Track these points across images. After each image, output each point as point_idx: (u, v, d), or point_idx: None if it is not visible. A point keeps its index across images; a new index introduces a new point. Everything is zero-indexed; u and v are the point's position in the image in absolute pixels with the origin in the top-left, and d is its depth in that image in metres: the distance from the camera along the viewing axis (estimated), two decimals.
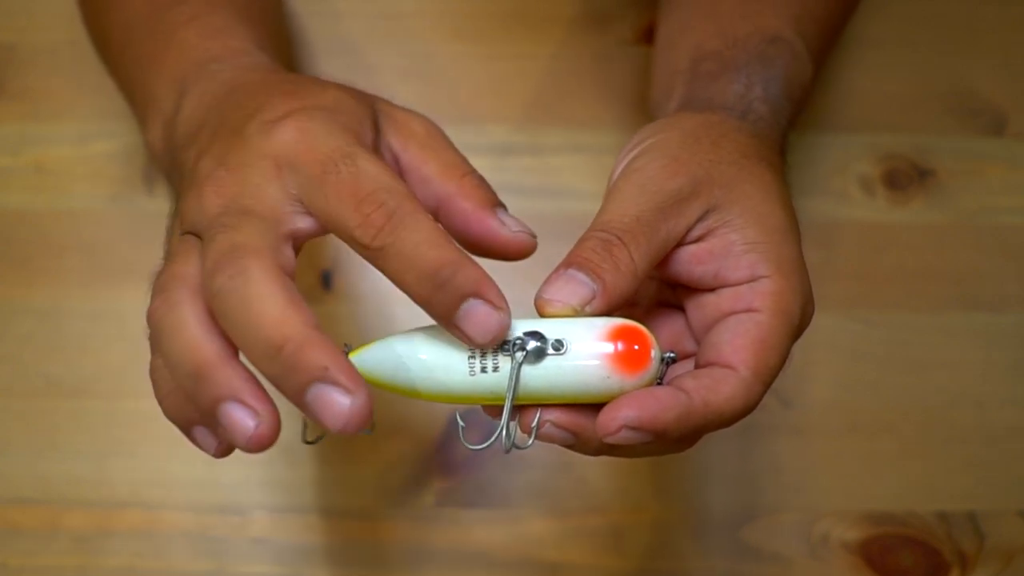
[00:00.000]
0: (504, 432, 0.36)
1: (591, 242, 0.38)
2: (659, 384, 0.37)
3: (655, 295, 0.43)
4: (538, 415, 0.37)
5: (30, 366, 0.60)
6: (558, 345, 0.36)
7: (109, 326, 0.60)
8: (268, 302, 0.33)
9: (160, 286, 0.36)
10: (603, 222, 0.38)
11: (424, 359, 0.36)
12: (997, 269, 0.63)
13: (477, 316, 0.34)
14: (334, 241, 0.62)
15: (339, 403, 0.33)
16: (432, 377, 0.36)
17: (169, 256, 0.38)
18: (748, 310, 0.38)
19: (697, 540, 0.58)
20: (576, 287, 0.37)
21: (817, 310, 0.41)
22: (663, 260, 0.39)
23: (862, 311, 0.62)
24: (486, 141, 0.64)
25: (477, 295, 0.34)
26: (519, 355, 0.35)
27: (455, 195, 0.40)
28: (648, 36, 0.66)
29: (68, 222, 0.63)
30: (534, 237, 0.40)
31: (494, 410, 0.37)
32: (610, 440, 0.36)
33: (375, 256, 0.35)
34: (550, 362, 0.36)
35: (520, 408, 0.37)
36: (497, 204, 0.40)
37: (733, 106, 0.46)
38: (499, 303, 0.34)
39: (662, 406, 0.35)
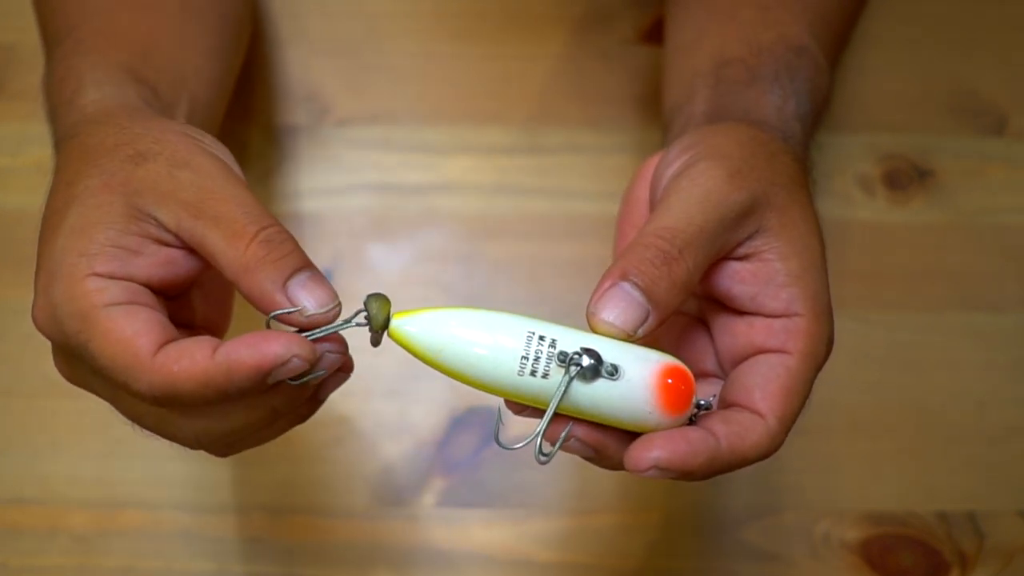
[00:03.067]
0: (539, 440, 0.36)
1: (650, 251, 0.37)
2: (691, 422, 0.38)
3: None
4: (569, 427, 0.37)
5: (30, 366, 0.60)
6: (612, 370, 0.36)
7: None
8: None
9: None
10: (666, 228, 0.37)
11: (477, 344, 0.36)
12: (997, 269, 0.63)
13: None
14: (334, 241, 0.62)
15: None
16: (479, 365, 0.36)
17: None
18: (780, 351, 0.38)
19: (697, 540, 0.58)
20: (631, 308, 0.36)
21: None
22: (705, 271, 0.39)
23: (862, 311, 0.62)
24: (486, 141, 0.64)
25: (263, 373, 0.35)
26: (573, 369, 0.35)
27: (243, 274, 0.36)
28: (649, 36, 0.66)
29: None
30: (332, 308, 0.36)
31: (518, 407, 0.37)
32: (638, 475, 0.36)
33: None
34: (600, 384, 0.36)
35: (552, 417, 0.36)
36: (294, 271, 0.36)
37: (774, 123, 0.46)
38: (287, 356, 0.34)
39: (693, 450, 0.36)
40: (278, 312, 0.36)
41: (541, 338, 0.36)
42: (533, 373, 0.36)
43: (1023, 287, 0.63)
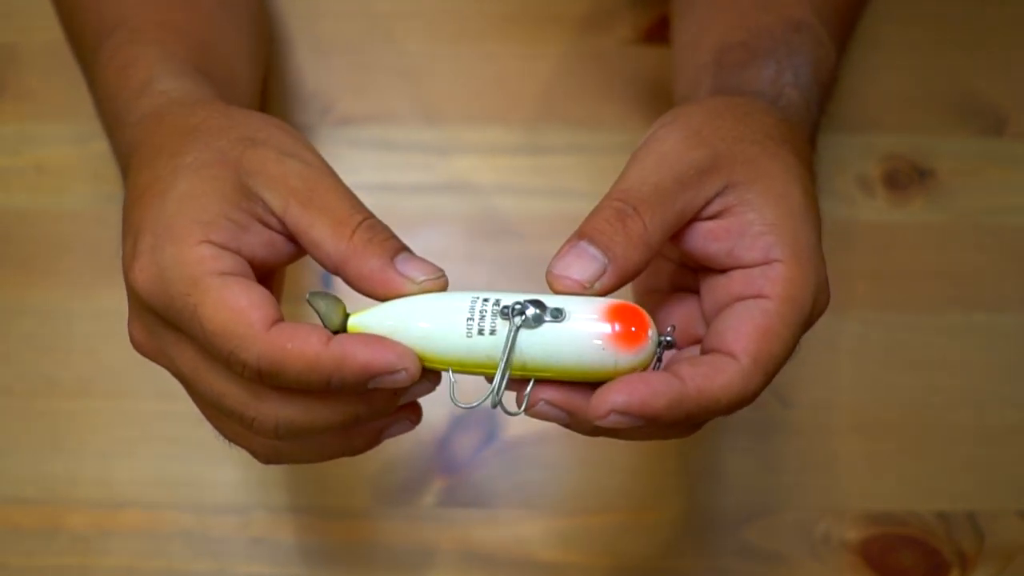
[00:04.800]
0: (496, 389, 0.36)
1: (605, 212, 0.37)
2: (658, 367, 0.37)
3: (673, 280, 0.42)
4: (531, 384, 0.36)
5: (30, 366, 0.60)
6: (556, 313, 0.36)
7: (109, 326, 0.60)
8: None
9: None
10: (620, 190, 0.38)
11: (422, 319, 0.36)
12: (997, 269, 0.63)
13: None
14: None
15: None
16: (429, 337, 0.36)
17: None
18: (757, 296, 0.37)
19: (697, 540, 0.58)
20: (587, 262, 0.36)
21: None
22: (678, 234, 0.39)
23: (862, 311, 0.62)
24: (486, 141, 0.64)
25: (370, 375, 0.35)
26: (517, 319, 0.36)
27: (350, 259, 0.37)
28: (650, 36, 0.66)
29: (68, 222, 0.63)
30: (440, 276, 0.38)
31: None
32: (601, 424, 0.35)
33: None
34: (547, 329, 0.36)
35: (516, 382, 0.37)
36: (397, 252, 0.38)
37: (765, 91, 0.46)
38: (398, 367, 0.35)
39: (653, 392, 0.35)
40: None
41: (485, 300, 0.36)
42: (480, 332, 0.36)
43: (1023, 287, 0.63)
